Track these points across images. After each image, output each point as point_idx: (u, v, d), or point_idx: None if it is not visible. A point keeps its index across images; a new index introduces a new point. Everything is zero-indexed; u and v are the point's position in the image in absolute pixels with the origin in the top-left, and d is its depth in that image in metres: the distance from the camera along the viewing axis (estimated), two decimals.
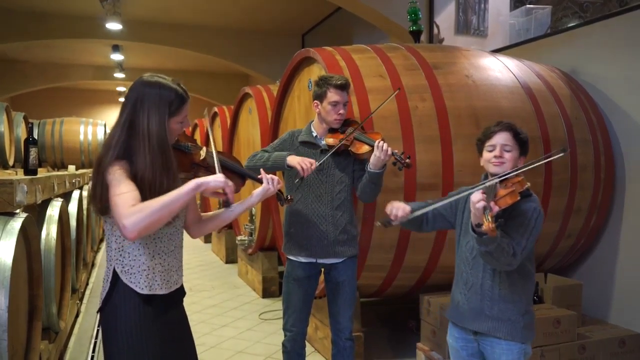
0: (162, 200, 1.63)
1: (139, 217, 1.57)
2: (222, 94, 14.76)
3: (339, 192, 2.72)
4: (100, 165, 1.72)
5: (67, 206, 3.88)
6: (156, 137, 1.73)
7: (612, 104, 4.15)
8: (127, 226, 1.56)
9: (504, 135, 2.06)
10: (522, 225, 1.94)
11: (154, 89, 1.75)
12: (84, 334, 4.04)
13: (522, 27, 5.55)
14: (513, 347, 2.01)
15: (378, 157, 2.53)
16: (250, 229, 5.53)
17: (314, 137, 2.78)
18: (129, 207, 1.59)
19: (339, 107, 2.68)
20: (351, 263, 2.78)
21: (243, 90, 5.82)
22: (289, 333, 2.81)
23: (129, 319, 1.74)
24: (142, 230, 1.59)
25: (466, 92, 3.54)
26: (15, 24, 10.06)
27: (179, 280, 1.90)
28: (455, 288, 2.19)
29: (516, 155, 2.06)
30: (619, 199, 4.08)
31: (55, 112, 12.41)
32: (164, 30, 10.99)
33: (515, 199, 1.83)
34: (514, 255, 1.89)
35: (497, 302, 2.02)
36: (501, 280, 2.02)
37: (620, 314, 3.93)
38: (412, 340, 3.75)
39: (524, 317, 2.04)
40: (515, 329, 2.02)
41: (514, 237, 1.92)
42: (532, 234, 1.95)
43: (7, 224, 2.11)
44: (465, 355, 2.14)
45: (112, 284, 1.77)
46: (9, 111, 6.45)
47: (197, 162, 1.94)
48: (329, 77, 2.72)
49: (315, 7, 9.47)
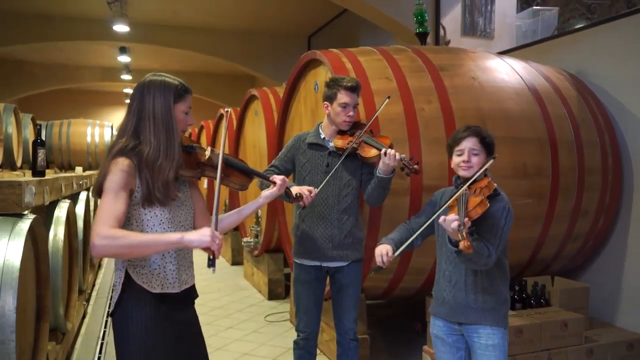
0: (139, 240, 1.68)
1: (110, 244, 1.63)
2: (228, 95, 14.78)
3: (346, 195, 2.72)
4: (110, 152, 1.80)
5: (74, 207, 3.89)
6: (162, 119, 1.81)
7: (620, 106, 4.12)
8: (97, 246, 1.63)
9: (471, 140, 2.18)
10: (493, 226, 2.10)
11: (158, 78, 1.87)
12: (91, 335, 4.05)
13: (529, 29, 5.53)
14: (497, 331, 2.18)
15: (387, 164, 2.52)
16: (256, 230, 5.53)
17: (321, 138, 2.78)
18: (107, 228, 1.64)
19: (349, 109, 2.68)
20: (356, 266, 2.78)
21: (249, 92, 5.83)
22: (302, 334, 2.83)
23: (142, 320, 1.77)
24: (108, 256, 1.72)
25: (472, 94, 3.53)
26: (24, 26, 10.13)
27: (190, 280, 1.92)
28: (437, 286, 2.32)
29: (483, 158, 2.18)
30: (627, 201, 4.05)
31: (63, 113, 12.48)
32: (170, 32, 11.04)
33: (485, 208, 1.97)
34: (489, 256, 2.05)
35: (481, 294, 2.18)
36: (482, 274, 2.17)
37: (628, 317, 3.91)
38: (418, 342, 3.74)
39: (504, 305, 2.22)
40: (499, 316, 2.19)
41: (488, 239, 2.08)
42: (504, 232, 2.11)
43: (15, 225, 2.13)
44: (452, 342, 2.27)
45: (124, 285, 1.79)
46: (17, 113, 6.48)
47: (203, 162, 1.95)
48: (340, 78, 2.71)
49: (321, 9, 9.47)
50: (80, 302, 4.10)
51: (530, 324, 3.13)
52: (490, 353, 2.17)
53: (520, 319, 3.18)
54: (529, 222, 3.55)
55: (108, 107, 17.72)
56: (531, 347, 3.12)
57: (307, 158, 2.79)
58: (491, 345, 2.17)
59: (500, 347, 2.18)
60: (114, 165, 1.74)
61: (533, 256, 3.78)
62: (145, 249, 1.69)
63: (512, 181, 3.41)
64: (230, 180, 2.04)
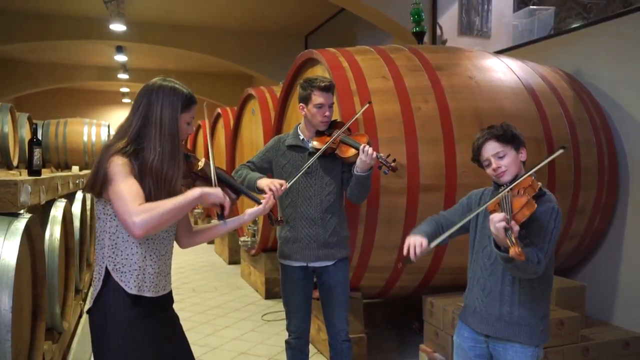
0: (172, 203, 1.69)
1: (150, 216, 1.63)
2: (225, 95, 14.76)
3: (328, 194, 2.72)
4: (108, 151, 1.76)
5: (70, 207, 3.88)
6: (168, 128, 1.80)
7: (616, 105, 4.13)
8: (138, 223, 1.62)
9: (489, 145, 2.02)
10: (542, 229, 1.87)
11: (169, 85, 1.85)
12: (87, 335, 4.03)
13: (526, 28, 5.53)
14: (527, 350, 1.96)
15: (364, 161, 2.53)
16: (253, 230, 5.53)
17: (301, 140, 2.79)
18: (137, 205, 1.64)
19: (325, 109, 2.68)
20: (342, 265, 2.78)
21: (246, 91, 5.83)
22: (293, 333, 2.84)
23: (119, 318, 1.75)
24: (151, 230, 1.66)
25: (469, 93, 3.54)
26: (20, 25, 10.10)
27: (167, 287, 1.91)
28: (470, 293, 2.11)
29: (513, 154, 2.01)
30: (623, 200, 4.07)
31: (60, 112, 12.43)
32: (167, 31, 11.02)
33: (532, 209, 1.76)
34: (539, 263, 1.82)
35: (516, 308, 1.96)
36: (521, 286, 1.95)
37: (624, 316, 3.92)
38: (415, 341, 3.75)
39: (542, 320, 1.99)
40: (534, 333, 1.97)
41: (536, 244, 1.85)
42: (553, 236, 1.88)
43: (11, 224, 2.12)
44: (473, 355, 2.08)
45: (103, 282, 1.77)
46: (14, 112, 6.47)
47: (195, 172, 1.97)
48: (313, 79, 2.72)
49: (318, 8, 9.47)
50: (77, 302, 4.09)
51: None
52: None
53: None
54: None
55: (105, 106, 17.67)
56: None
57: (287, 159, 2.79)
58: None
59: None
60: (113, 162, 1.71)
61: None
62: (180, 209, 1.72)
63: None
64: None
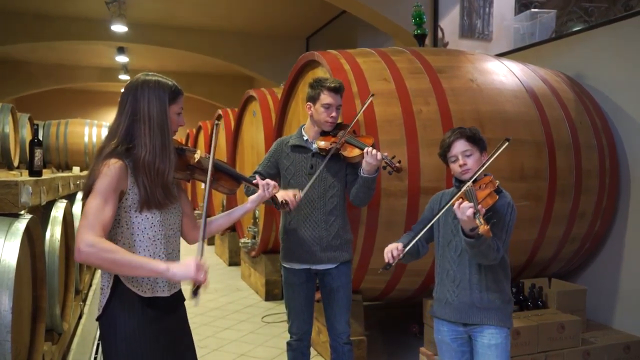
0: (126, 259, 1.64)
1: (96, 254, 1.60)
2: (226, 96, 14.77)
3: (332, 196, 2.71)
4: (101, 154, 1.75)
5: (71, 207, 3.88)
6: (157, 121, 1.78)
7: (617, 108, 4.13)
8: (82, 252, 1.59)
9: (459, 143, 2.21)
10: (500, 221, 2.12)
11: (152, 79, 1.84)
12: (87, 336, 4.04)
13: (527, 31, 5.54)
14: (501, 331, 2.18)
15: (369, 162, 2.53)
16: (254, 231, 5.53)
17: (305, 140, 2.77)
18: (94, 235, 1.60)
19: (332, 110, 2.68)
20: (345, 268, 2.77)
21: (247, 93, 5.83)
22: (295, 335, 2.84)
23: (130, 325, 1.74)
24: (90, 264, 1.69)
25: (470, 96, 3.54)
26: (21, 25, 10.11)
27: (178, 284, 1.90)
28: (440, 288, 2.29)
29: (478, 155, 2.20)
30: (624, 203, 4.06)
31: (60, 113, 12.44)
32: (168, 32, 11.03)
33: (495, 199, 2.01)
34: (498, 250, 2.08)
35: (485, 293, 2.17)
36: (486, 272, 2.18)
37: (625, 319, 3.91)
38: (414, 344, 3.74)
39: (509, 304, 2.22)
40: (505, 315, 2.19)
41: (495, 234, 2.06)
42: (509, 227, 2.14)
43: (11, 225, 2.12)
44: (457, 346, 2.26)
45: (112, 289, 1.75)
46: (14, 112, 6.47)
47: (193, 164, 1.96)
48: (323, 79, 2.72)
49: (319, 10, 9.48)
50: (77, 303, 4.09)
51: (527, 326, 3.13)
52: (492, 353, 2.16)
53: (517, 320, 3.17)
54: (526, 224, 3.56)
55: (106, 107, 17.65)
56: (528, 349, 3.12)
57: (290, 161, 2.78)
58: (494, 344, 2.16)
59: (503, 346, 2.17)
60: (105, 167, 1.69)
61: (530, 258, 3.78)
62: (128, 269, 1.66)
63: (509, 183, 3.41)
64: (219, 184, 2.06)
